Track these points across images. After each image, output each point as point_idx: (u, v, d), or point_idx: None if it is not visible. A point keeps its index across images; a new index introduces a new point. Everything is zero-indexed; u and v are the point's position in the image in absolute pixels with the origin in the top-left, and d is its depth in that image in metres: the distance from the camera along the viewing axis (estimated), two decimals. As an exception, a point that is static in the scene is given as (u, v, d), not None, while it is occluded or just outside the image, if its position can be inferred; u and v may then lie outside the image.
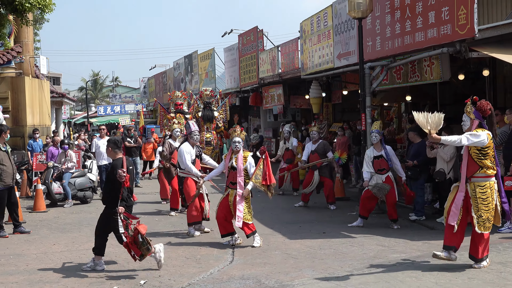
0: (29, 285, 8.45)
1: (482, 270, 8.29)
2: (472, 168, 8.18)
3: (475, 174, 8.16)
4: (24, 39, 23.28)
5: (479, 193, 8.12)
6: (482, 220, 8.09)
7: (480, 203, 8.10)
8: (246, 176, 10.79)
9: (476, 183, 8.16)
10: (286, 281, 8.12)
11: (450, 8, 10.96)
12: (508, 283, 7.60)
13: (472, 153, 8.16)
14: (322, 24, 17.75)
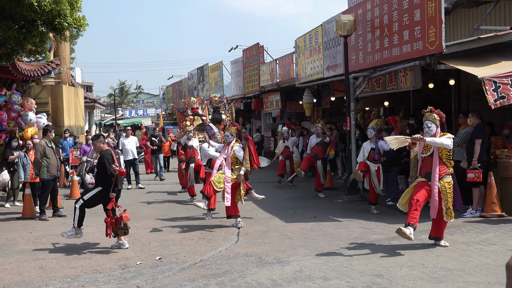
0: (66, 261, 8.46)
1: (448, 249, 8.31)
2: (443, 168, 8.28)
3: (446, 173, 8.32)
4: (62, 53, 23.25)
5: (448, 189, 8.26)
6: (450, 211, 8.30)
7: (449, 197, 8.25)
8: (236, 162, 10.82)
9: (445, 180, 8.30)
10: (283, 258, 8.13)
11: (422, 28, 10.97)
12: (471, 260, 7.62)
13: (444, 155, 8.25)
14: (313, 40, 17.76)
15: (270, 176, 18.56)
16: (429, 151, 8.42)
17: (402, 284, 6.59)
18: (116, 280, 7.30)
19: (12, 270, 7.99)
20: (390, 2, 12.22)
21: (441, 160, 8.27)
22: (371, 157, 12.08)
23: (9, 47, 12.20)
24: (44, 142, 12.58)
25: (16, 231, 11.16)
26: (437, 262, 7.56)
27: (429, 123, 8.38)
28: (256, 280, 6.99)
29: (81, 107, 26.43)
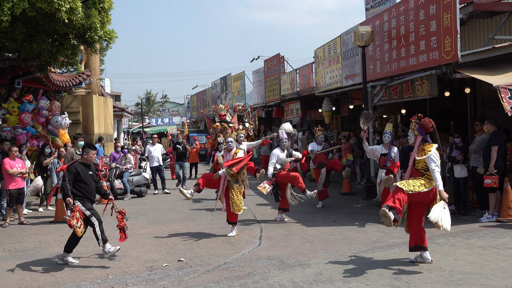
0: (96, 262, 8.56)
1: (465, 252, 8.20)
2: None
3: None
4: (92, 64, 23.56)
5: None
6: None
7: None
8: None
9: None
10: (304, 261, 8.10)
11: (438, 38, 10.89)
12: (487, 263, 7.51)
13: (419, 168, 7.46)
14: (332, 51, 17.73)
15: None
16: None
17: (420, 286, 6.52)
18: (144, 282, 7.34)
19: (45, 271, 8.07)
20: (406, 13, 12.16)
21: (416, 170, 7.54)
22: (382, 162, 11.55)
23: (43, 59, 12.37)
24: (73, 150, 12.75)
25: (49, 234, 11.28)
26: (454, 265, 7.47)
27: (409, 133, 7.88)
28: (278, 282, 6.97)
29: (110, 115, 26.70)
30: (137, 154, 18.96)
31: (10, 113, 15.41)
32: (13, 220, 12.68)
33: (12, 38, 11.72)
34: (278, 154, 11.74)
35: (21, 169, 12.53)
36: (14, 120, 15.28)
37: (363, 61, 13.41)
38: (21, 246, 10.08)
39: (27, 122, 15.25)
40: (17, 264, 8.59)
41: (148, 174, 17.98)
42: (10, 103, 15.40)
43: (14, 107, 15.37)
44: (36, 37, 11.95)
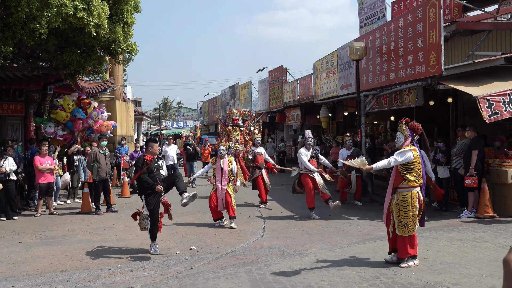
0: (117, 249, 8.55)
1: (446, 245, 8.18)
2: (397, 180, 7.06)
3: (400, 185, 7.02)
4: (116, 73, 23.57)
5: (401, 201, 6.96)
6: (401, 224, 6.94)
7: (400, 210, 6.94)
8: (230, 174, 10.72)
9: (400, 192, 7.01)
10: (302, 250, 8.10)
11: (424, 53, 10.87)
12: (466, 255, 7.50)
13: (399, 167, 7.02)
14: (329, 63, 17.71)
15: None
16: None
17: (405, 275, 6.51)
18: (159, 267, 7.35)
19: (72, 256, 8.10)
20: (396, 30, 12.14)
21: (398, 171, 7.05)
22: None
23: (72, 68, 12.41)
24: (96, 149, 12.79)
25: (76, 223, 11.31)
26: (436, 256, 7.45)
27: (398, 134, 7.31)
28: (279, 269, 6.97)
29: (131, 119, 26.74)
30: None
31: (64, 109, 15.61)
32: (44, 211, 12.73)
33: (45, 49, 11.79)
34: (306, 153, 11.47)
35: (50, 165, 12.58)
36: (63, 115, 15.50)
37: (357, 73, 13.39)
38: (50, 234, 10.12)
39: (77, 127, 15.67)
40: (47, 250, 8.63)
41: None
42: (65, 100, 15.60)
43: (69, 104, 15.59)
44: (67, 49, 12.00)
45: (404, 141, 7.20)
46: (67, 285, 6.57)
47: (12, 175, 12.09)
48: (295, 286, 6.17)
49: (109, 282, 6.65)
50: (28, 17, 10.05)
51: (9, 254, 8.36)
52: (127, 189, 16.08)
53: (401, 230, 6.96)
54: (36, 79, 14.67)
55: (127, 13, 11.96)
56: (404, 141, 7.20)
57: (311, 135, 11.81)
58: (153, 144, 8.58)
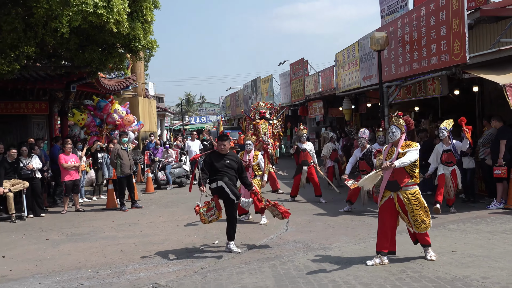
0: (142, 245, 8.58)
1: (474, 237, 7.99)
2: (404, 178, 6.65)
3: (408, 183, 6.64)
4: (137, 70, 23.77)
5: (412, 200, 6.62)
6: (419, 222, 6.64)
7: (415, 209, 6.61)
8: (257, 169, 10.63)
9: (407, 191, 6.64)
10: (327, 245, 8.01)
11: (447, 42, 10.64)
12: (495, 247, 7.30)
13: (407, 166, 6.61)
14: (351, 55, 17.52)
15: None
16: (390, 158, 6.84)
17: (433, 268, 6.36)
18: (183, 262, 7.34)
19: (98, 253, 8.15)
20: (418, 20, 11.91)
21: (403, 169, 6.64)
22: (445, 159, 10.28)
23: (94, 66, 12.49)
24: (118, 146, 12.86)
25: (101, 220, 11.41)
26: (464, 249, 7.28)
27: (394, 128, 6.83)
28: (303, 264, 6.90)
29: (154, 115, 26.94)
30: (178, 149, 19.05)
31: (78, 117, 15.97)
32: (70, 208, 12.88)
33: (67, 48, 11.89)
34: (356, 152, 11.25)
35: (75, 163, 12.71)
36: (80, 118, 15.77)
37: (379, 63, 13.18)
38: (77, 230, 10.21)
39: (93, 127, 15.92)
40: (73, 246, 8.71)
41: (188, 167, 18.04)
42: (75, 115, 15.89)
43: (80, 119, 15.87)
44: (88, 47, 12.08)
45: (400, 136, 6.79)
46: (92, 281, 6.60)
47: (37, 173, 12.26)
48: (319, 281, 6.10)
49: (133, 278, 6.67)
50: (49, 17, 10.13)
51: (36, 251, 8.46)
52: (152, 185, 16.17)
53: (419, 228, 6.67)
54: (59, 78, 14.82)
55: (146, 10, 11.98)
56: (400, 136, 6.79)
57: (365, 135, 11.05)
58: (221, 142, 8.11)
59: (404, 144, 6.73)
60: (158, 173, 16.86)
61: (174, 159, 17.64)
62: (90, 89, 17.20)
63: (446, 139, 10.29)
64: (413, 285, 5.75)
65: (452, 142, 10.26)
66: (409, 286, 5.72)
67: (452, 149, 10.24)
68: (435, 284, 5.72)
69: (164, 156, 17.37)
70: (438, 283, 5.76)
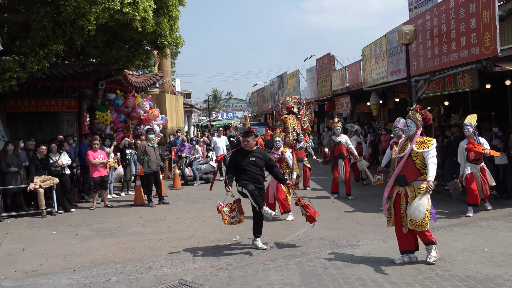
0: (169, 241, 8.63)
1: (507, 235, 7.77)
2: (412, 174, 6.42)
3: (417, 179, 6.42)
4: (164, 67, 23.88)
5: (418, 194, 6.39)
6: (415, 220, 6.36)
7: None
8: (286, 167, 10.39)
9: (415, 185, 6.43)
10: (354, 242, 7.91)
11: (478, 34, 10.37)
12: (527, 245, 7.10)
13: (418, 162, 6.40)
14: (378, 49, 17.28)
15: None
16: (403, 152, 6.64)
17: (463, 267, 6.21)
18: (210, 259, 7.35)
19: (125, 248, 8.23)
20: (447, 12, 11.64)
21: (413, 165, 6.44)
22: (472, 157, 9.74)
23: (121, 63, 12.60)
24: (145, 142, 12.95)
25: (129, 215, 11.53)
26: (496, 247, 7.08)
27: (410, 122, 6.60)
28: (330, 261, 6.82)
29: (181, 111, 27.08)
30: (204, 145, 19.13)
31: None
32: (99, 203, 13.05)
33: (95, 46, 12.02)
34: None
35: (103, 160, 12.85)
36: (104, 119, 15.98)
37: (407, 57, 12.93)
38: (105, 226, 10.34)
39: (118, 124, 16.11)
40: (102, 242, 8.81)
41: (214, 163, 18.10)
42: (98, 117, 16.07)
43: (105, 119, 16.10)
44: (115, 45, 12.19)
45: (415, 131, 6.56)
46: (120, 277, 6.66)
47: (67, 169, 12.45)
48: (346, 278, 6.02)
49: (160, 274, 6.71)
50: (77, 15, 10.24)
51: (66, 246, 8.59)
52: (179, 181, 16.27)
53: (414, 225, 6.39)
54: (87, 76, 15.01)
55: (172, 6, 12.02)
56: (415, 131, 6.56)
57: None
58: (244, 139, 7.90)
59: (419, 141, 6.49)
60: (185, 169, 16.95)
61: (201, 155, 17.72)
62: (117, 86, 17.36)
63: (471, 136, 9.76)
64: (443, 284, 5.63)
65: (478, 139, 9.75)
66: (439, 285, 5.59)
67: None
68: (466, 284, 5.59)
69: (191, 152, 17.45)
70: (469, 282, 5.62)
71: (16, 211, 11.84)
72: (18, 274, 7.02)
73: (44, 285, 6.50)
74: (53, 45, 10.83)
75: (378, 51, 17.30)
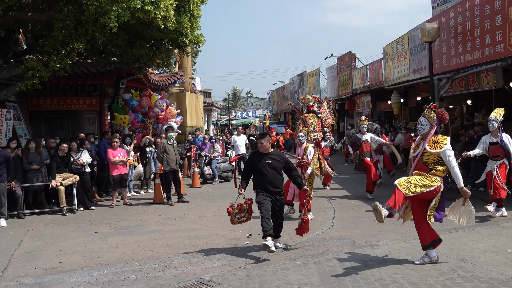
0: (187, 240, 8.64)
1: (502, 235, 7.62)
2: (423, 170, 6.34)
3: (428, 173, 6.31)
4: (185, 65, 23.96)
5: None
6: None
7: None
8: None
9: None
10: (374, 242, 7.82)
11: (503, 31, 10.18)
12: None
13: (430, 161, 6.27)
14: (400, 47, 17.10)
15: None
16: (417, 151, 6.52)
17: (486, 268, 6.09)
18: (228, 258, 7.34)
19: (144, 246, 8.26)
20: (472, 9, 11.45)
21: (423, 164, 6.32)
22: (491, 153, 9.48)
23: (142, 62, 12.68)
24: (165, 141, 12.99)
25: (149, 213, 11.58)
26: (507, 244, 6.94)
27: (423, 121, 6.46)
28: (349, 261, 6.75)
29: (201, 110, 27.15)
30: (223, 143, 19.15)
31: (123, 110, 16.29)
32: (119, 201, 13.14)
33: (116, 44, 12.10)
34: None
35: (122, 158, 12.93)
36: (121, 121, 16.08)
37: (430, 55, 12.77)
38: (125, 224, 10.40)
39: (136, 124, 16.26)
40: (121, 239, 8.86)
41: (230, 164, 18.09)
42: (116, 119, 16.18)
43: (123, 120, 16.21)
44: (136, 43, 12.26)
45: (429, 130, 6.40)
46: (138, 275, 6.69)
47: (87, 167, 12.56)
48: (366, 279, 5.94)
49: (179, 272, 6.71)
50: (99, 13, 10.32)
51: (85, 244, 8.67)
52: (198, 180, 16.31)
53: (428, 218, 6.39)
54: (109, 74, 15.13)
55: (193, 5, 12.03)
56: (429, 130, 6.40)
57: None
58: (258, 140, 7.77)
59: (432, 140, 6.33)
60: (204, 167, 16.99)
61: (220, 154, 17.74)
62: (139, 84, 17.49)
63: (495, 131, 9.40)
64: (465, 285, 5.52)
65: (501, 135, 9.37)
66: (461, 287, 5.48)
67: (499, 142, 9.36)
68: (488, 285, 5.47)
69: (210, 150, 17.48)
70: (492, 284, 5.50)
71: (37, 209, 11.99)
72: (38, 271, 7.09)
73: (63, 282, 6.56)
74: (75, 43, 10.94)
75: (400, 49, 17.12)
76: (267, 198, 7.47)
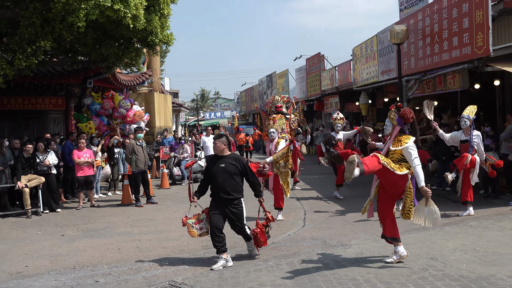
0: (157, 241, 8.52)
1: (498, 234, 7.78)
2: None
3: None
4: (153, 65, 23.71)
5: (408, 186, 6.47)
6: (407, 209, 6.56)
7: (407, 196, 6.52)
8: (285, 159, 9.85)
9: None
10: (345, 242, 7.86)
11: (470, 34, 10.39)
12: (520, 245, 7.10)
13: (394, 158, 6.34)
14: (369, 49, 17.29)
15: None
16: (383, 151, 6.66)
17: (456, 266, 6.18)
18: (200, 260, 7.26)
19: (113, 249, 8.10)
20: (440, 12, 11.66)
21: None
22: (462, 151, 9.58)
23: (111, 61, 12.45)
24: (133, 141, 12.81)
25: (117, 215, 11.38)
26: (488, 246, 7.07)
27: (387, 122, 6.65)
28: (322, 261, 6.76)
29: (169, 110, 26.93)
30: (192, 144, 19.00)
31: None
32: (86, 203, 12.87)
33: (84, 43, 11.82)
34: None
35: (88, 159, 12.67)
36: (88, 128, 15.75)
37: (398, 57, 12.94)
38: (92, 226, 10.19)
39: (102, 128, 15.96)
40: (89, 242, 8.67)
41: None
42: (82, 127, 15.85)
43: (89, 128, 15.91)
44: (105, 42, 12.01)
45: (392, 130, 6.53)
46: (108, 278, 6.54)
47: (53, 169, 12.26)
48: (339, 279, 5.95)
49: (149, 275, 6.59)
50: (67, 11, 10.08)
51: (52, 247, 8.44)
52: (167, 181, 16.14)
53: (406, 216, 6.55)
54: (75, 73, 14.83)
55: (163, 4, 11.86)
56: (392, 130, 6.53)
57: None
58: (215, 141, 7.12)
59: (396, 139, 6.43)
60: (173, 168, 16.82)
61: (190, 155, 17.59)
62: (106, 84, 17.19)
63: (467, 129, 9.41)
64: (437, 284, 5.58)
65: (472, 134, 9.39)
66: (432, 285, 5.55)
67: (469, 140, 9.41)
68: (459, 283, 5.55)
69: (179, 151, 17.32)
70: (462, 282, 5.58)
71: (0, 211, 11.63)
72: (3, 276, 6.86)
73: (29, 287, 6.35)
74: (41, 41, 10.65)
75: (369, 51, 17.31)
76: (216, 210, 6.87)
